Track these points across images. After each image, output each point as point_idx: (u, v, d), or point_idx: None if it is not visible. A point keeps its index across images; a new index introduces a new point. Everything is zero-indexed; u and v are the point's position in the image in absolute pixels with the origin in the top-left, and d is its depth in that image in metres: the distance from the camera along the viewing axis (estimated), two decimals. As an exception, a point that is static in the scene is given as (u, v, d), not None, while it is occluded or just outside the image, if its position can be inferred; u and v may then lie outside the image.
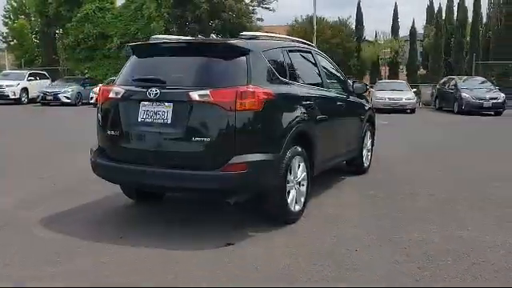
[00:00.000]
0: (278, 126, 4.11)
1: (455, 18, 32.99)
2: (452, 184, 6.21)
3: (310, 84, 5.05)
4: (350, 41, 29.00)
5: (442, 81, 23.49)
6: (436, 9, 34.92)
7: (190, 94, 3.85)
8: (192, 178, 3.85)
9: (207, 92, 3.83)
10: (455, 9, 34.11)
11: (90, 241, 3.99)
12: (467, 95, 20.03)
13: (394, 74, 33.13)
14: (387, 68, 34.73)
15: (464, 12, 30.62)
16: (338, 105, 5.65)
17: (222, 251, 3.76)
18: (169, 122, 3.94)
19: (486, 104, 19.79)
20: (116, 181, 4.54)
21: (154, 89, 3.97)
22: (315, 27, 25.68)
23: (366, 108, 6.76)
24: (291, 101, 4.44)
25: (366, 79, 30.91)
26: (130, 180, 4.23)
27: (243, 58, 4.03)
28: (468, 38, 29.76)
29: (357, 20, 30.44)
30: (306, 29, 26.80)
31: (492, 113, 19.96)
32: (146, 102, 4.04)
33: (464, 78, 23.38)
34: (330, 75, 5.90)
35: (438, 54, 28.25)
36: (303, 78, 4.89)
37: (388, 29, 34.39)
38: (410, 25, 34.82)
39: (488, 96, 20.08)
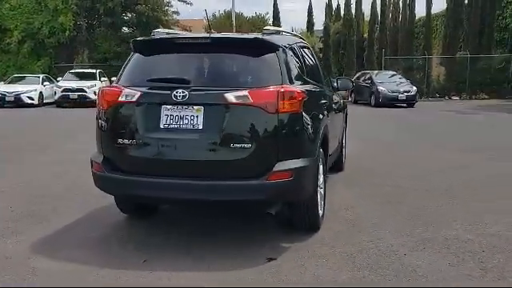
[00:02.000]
0: (313, 128, 3.85)
1: (353, 15, 34.98)
2: (431, 176, 6.36)
3: (316, 81, 4.84)
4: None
5: (357, 75, 24.51)
6: (335, 6, 36.69)
7: (226, 95, 3.45)
8: (234, 189, 3.45)
9: (245, 93, 3.45)
10: (353, 6, 36.25)
11: (106, 268, 3.44)
12: (383, 88, 21.12)
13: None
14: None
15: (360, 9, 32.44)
16: (333, 103, 5.51)
17: (265, 268, 3.43)
18: (200, 127, 3.49)
19: (400, 96, 21.00)
20: (134, 196, 3.95)
21: (180, 90, 3.50)
22: (234, 22, 25.52)
23: (345, 105, 6.71)
24: (316, 101, 4.21)
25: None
26: (154, 195, 3.67)
27: (274, 55, 3.70)
28: (365, 35, 31.40)
29: (274, 16, 30.75)
30: (225, 23, 26.51)
31: (405, 105, 21.24)
32: (168, 106, 3.55)
33: (376, 72, 24.62)
34: (322, 72, 5.73)
35: (351, 50, 29.48)
36: (312, 76, 4.66)
37: (304, 25, 35.51)
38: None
39: (402, 89, 21.33)
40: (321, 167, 4.18)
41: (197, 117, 3.50)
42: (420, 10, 30.34)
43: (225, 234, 4.15)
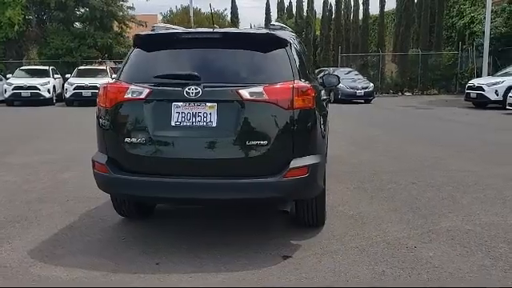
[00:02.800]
0: (322, 123, 3.85)
1: (305, 14, 35.74)
2: (411, 169, 6.55)
3: (314, 77, 4.85)
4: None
5: (315, 72, 24.87)
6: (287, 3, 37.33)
7: (241, 91, 3.38)
8: (251, 187, 3.38)
9: (260, 89, 3.40)
10: (305, 4, 37.02)
11: (120, 272, 3.31)
12: (342, 85, 21.49)
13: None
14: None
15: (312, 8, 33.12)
16: (324, 99, 5.54)
17: (283, 266, 3.40)
18: (214, 124, 3.41)
19: (358, 93, 21.49)
20: (144, 198, 3.81)
21: (193, 87, 3.40)
22: (193, 18, 25.19)
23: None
24: (320, 97, 4.21)
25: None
26: (166, 196, 3.55)
27: (284, 51, 3.68)
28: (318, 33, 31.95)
29: (232, 13, 30.63)
30: (183, 19, 26.10)
31: (363, 101, 21.76)
32: (180, 103, 3.44)
33: (333, 69, 25.06)
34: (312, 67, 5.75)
35: (308, 47, 29.90)
36: (311, 72, 4.67)
37: (262, 21, 35.77)
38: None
39: (360, 85, 21.83)
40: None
41: (210, 114, 3.41)
42: (373, 8, 31.05)
43: (232, 233, 4.08)
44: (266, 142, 3.39)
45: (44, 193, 5.45)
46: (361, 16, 29.77)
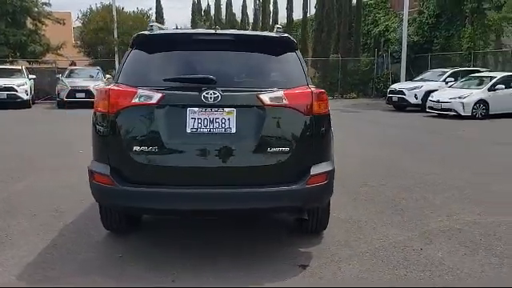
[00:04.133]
0: (331, 129, 3.81)
1: (224, 17, 36.02)
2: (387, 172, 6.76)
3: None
4: (153, 33, 27.95)
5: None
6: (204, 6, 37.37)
7: (261, 96, 3.24)
8: (275, 196, 3.24)
9: (280, 94, 3.29)
10: (223, 7, 37.24)
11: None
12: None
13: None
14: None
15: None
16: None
17: (305, 276, 3.33)
18: (233, 131, 3.23)
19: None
20: (156, 211, 3.50)
21: (211, 91, 3.20)
22: (115, 16, 24.06)
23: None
24: None
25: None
26: (183, 208, 3.27)
27: (295, 54, 3.61)
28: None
29: (157, 12, 29.71)
30: (105, 18, 24.84)
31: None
32: (195, 108, 3.22)
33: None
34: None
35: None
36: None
37: (188, 23, 35.22)
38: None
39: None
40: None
41: (228, 120, 3.23)
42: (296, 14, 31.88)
43: (236, 244, 3.92)
44: (287, 148, 3.28)
45: (7, 207, 4.87)
46: (284, 21, 30.37)
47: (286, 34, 3.65)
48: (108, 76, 19.38)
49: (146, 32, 3.56)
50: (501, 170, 7.01)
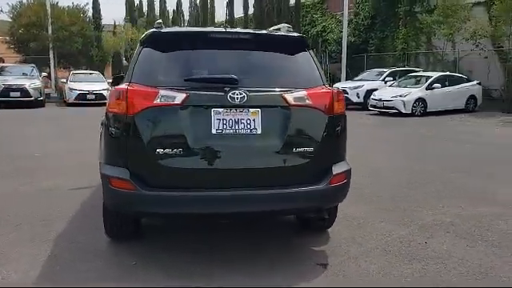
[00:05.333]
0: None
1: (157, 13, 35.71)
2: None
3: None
4: (90, 29, 26.66)
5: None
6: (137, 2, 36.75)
7: (286, 96, 3.21)
8: (302, 196, 3.22)
9: (303, 94, 3.28)
10: (157, 4, 36.85)
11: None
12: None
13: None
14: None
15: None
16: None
17: (328, 274, 3.35)
18: (258, 131, 3.17)
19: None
20: (181, 215, 3.33)
21: (237, 92, 3.11)
22: (49, 10, 22.74)
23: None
24: None
25: (108, 70, 29.30)
26: (211, 211, 3.15)
27: (308, 54, 3.60)
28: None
29: (94, 8, 28.32)
30: (38, 12, 23.37)
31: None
32: (220, 109, 3.12)
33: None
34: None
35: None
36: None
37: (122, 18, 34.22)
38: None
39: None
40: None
41: (253, 120, 3.17)
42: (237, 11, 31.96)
43: (247, 247, 3.85)
44: (312, 148, 3.28)
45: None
46: (223, 18, 30.34)
47: (299, 34, 3.64)
48: (44, 74, 18.35)
49: (161, 30, 3.40)
50: (459, 163, 7.46)
